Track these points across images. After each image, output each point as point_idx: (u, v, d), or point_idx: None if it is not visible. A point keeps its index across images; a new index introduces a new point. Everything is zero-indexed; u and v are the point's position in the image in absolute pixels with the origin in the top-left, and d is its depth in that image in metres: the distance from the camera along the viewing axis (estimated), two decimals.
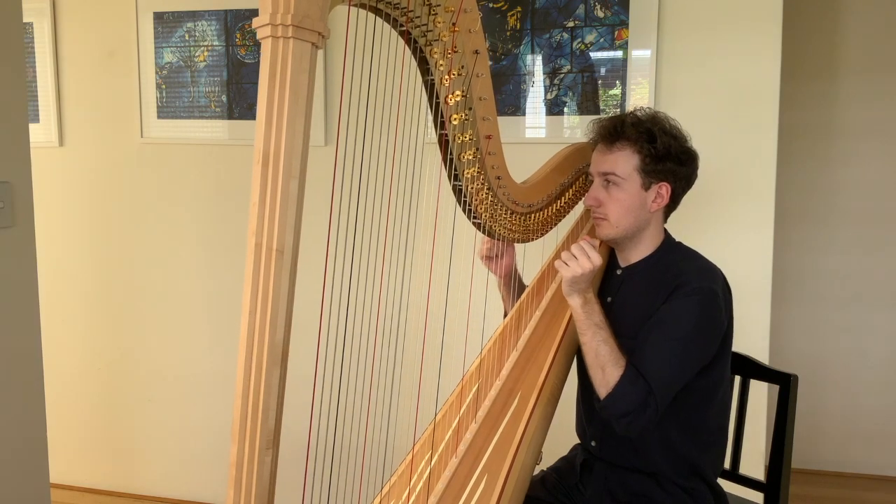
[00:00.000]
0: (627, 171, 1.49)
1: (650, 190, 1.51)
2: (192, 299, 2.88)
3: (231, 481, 0.89)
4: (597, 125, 1.57)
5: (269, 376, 0.86)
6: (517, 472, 1.28)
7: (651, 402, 1.36)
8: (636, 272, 1.57)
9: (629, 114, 1.54)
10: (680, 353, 1.41)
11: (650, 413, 1.36)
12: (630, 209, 1.51)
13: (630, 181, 1.50)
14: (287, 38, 0.82)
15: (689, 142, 1.55)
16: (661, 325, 1.43)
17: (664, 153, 1.48)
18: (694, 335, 1.43)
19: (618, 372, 1.38)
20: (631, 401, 1.36)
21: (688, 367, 1.43)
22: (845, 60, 3.11)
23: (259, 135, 0.83)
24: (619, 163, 1.50)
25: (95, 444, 3.05)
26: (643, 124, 1.50)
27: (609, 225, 1.54)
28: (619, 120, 1.52)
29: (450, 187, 1.40)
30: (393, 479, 1.37)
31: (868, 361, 3.19)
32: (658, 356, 1.41)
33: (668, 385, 1.39)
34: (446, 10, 1.16)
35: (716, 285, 1.45)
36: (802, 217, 3.18)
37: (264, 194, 0.83)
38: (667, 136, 1.49)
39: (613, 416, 1.38)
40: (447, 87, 1.24)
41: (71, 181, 2.94)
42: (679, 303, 1.44)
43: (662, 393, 1.38)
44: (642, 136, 1.48)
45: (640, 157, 1.49)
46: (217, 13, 2.71)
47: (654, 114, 1.54)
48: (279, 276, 0.84)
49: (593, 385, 1.41)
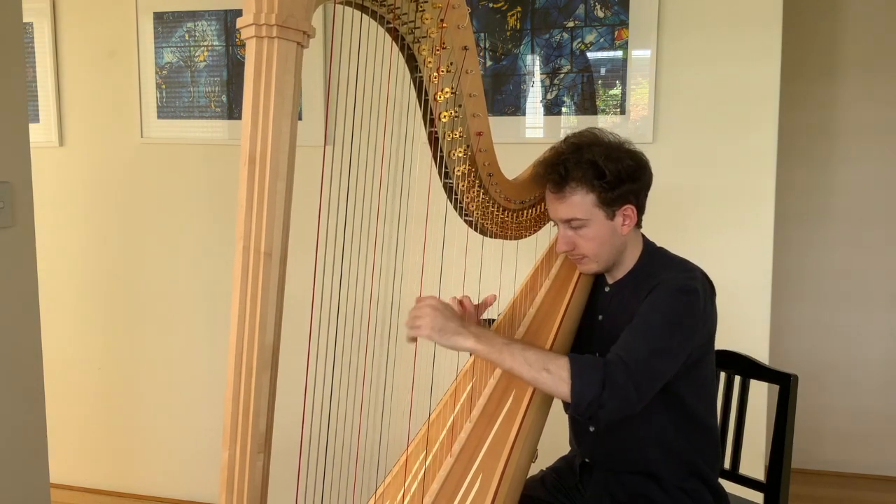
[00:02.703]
0: (587, 210, 1.46)
1: (616, 217, 1.48)
2: (192, 299, 2.88)
3: (223, 485, 0.88)
4: (540, 169, 1.52)
5: (259, 379, 0.86)
6: (512, 472, 1.28)
7: (615, 369, 1.27)
8: (624, 287, 1.57)
9: (566, 147, 1.49)
10: (657, 333, 1.36)
11: (622, 379, 1.26)
12: (604, 242, 1.50)
13: (594, 218, 1.47)
14: (272, 38, 0.81)
15: (630, 145, 1.51)
16: (636, 317, 1.40)
17: (615, 181, 1.44)
18: (671, 319, 1.38)
19: (561, 360, 1.28)
20: (595, 374, 1.26)
21: (666, 349, 1.36)
22: (845, 60, 3.10)
23: (245, 136, 0.83)
24: (576, 206, 1.46)
25: (95, 444, 3.05)
26: (584, 157, 1.44)
27: (590, 261, 1.53)
28: (560, 162, 1.46)
29: (440, 185, 1.39)
30: (387, 480, 1.37)
31: (868, 361, 3.18)
32: (629, 334, 1.37)
33: (642, 357, 1.31)
34: (434, 7, 1.15)
35: (695, 282, 1.44)
36: (802, 217, 3.18)
37: (251, 196, 0.82)
38: (611, 161, 1.44)
39: (591, 404, 1.26)
40: (436, 84, 1.24)
41: (71, 181, 2.95)
42: (655, 295, 1.42)
43: (636, 363, 1.29)
44: (589, 173, 1.44)
45: (594, 194, 1.45)
46: (217, 13, 2.72)
47: (590, 136, 1.50)
48: (268, 278, 0.84)
49: (554, 395, 1.33)
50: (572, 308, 1.57)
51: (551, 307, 1.59)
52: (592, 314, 1.61)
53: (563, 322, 1.52)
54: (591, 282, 1.63)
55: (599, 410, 1.26)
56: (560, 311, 1.54)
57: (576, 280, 1.62)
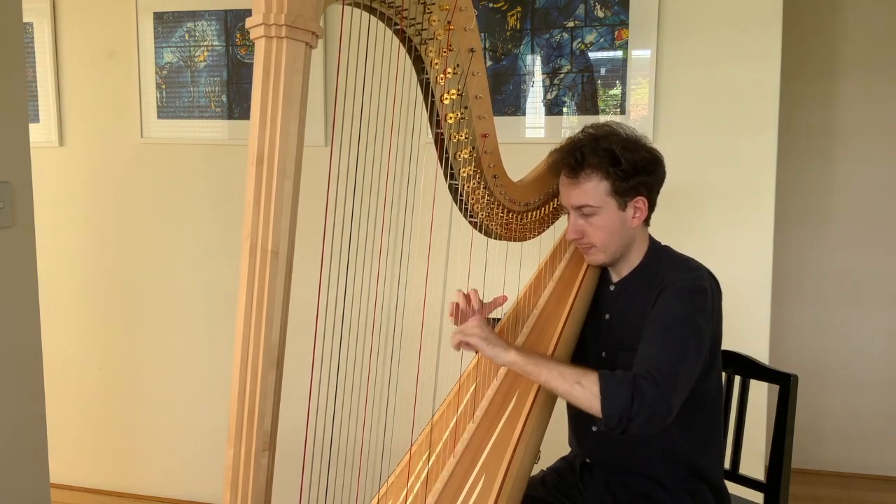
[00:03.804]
0: (600, 198, 1.47)
1: (627, 208, 1.49)
2: (193, 299, 2.88)
3: (227, 484, 0.88)
4: (556, 155, 1.53)
5: (265, 379, 0.86)
6: (515, 472, 1.28)
7: (644, 384, 1.27)
8: (629, 284, 1.57)
9: (583, 136, 1.50)
10: (676, 340, 1.36)
11: (651, 393, 1.26)
12: (613, 232, 1.50)
13: (606, 207, 1.48)
14: (280, 38, 0.81)
15: (647, 141, 1.53)
16: (650, 324, 1.41)
17: (631, 170, 1.46)
18: (687, 323, 1.38)
19: (593, 375, 1.29)
20: (624, 390, 1.26)
21: (687, 354, 1.36)
22: (845, 60, 3.10)
23: (253, 135, 0.83)
24: (590, 193, 1.47)
25: (95, 444, 3.05)
26: (601, 146, 1.46)
27: (597, 251, 1.53)
28: (577, 148, 1.48)
29: (446, 186, 1.40)
30: (391, 480, 1.37)
31: (868, 361, 3.18)
32: (650, 346, 1.36)
33: (668, 368, 1.31)
34: (441, 9, 1.16)
35: (703, 282, 1.45)
36: (802, 217, 3.18)
37: (258, 195, 0.83)
38: (628, 151, 1.46)
39: (622, 418, 1.26)
40: (442, 86, 1.24)
41: (71, 181, 2.95)
42: (665, 298, 1.43)
43: (663, 375, 1.29)
44: (605, 160, 1.45)
45: (608, 181, 1.46)
46: (217, 13, 2.72)
47: (608, 128, 1.51)
48: (274, 277, 0.84)
49: (586, 409, 1.32)
50: (577, 308, 1.57)
51: (556, 308, 1.60)
52: (598, 313, 1.61)
53: (567, 323, 1.53)
54: (595, 282, 1.63)
55: (629, 424, 1.26)
56: (564, 312, 1.55)
57: (580, 280, 1.62)
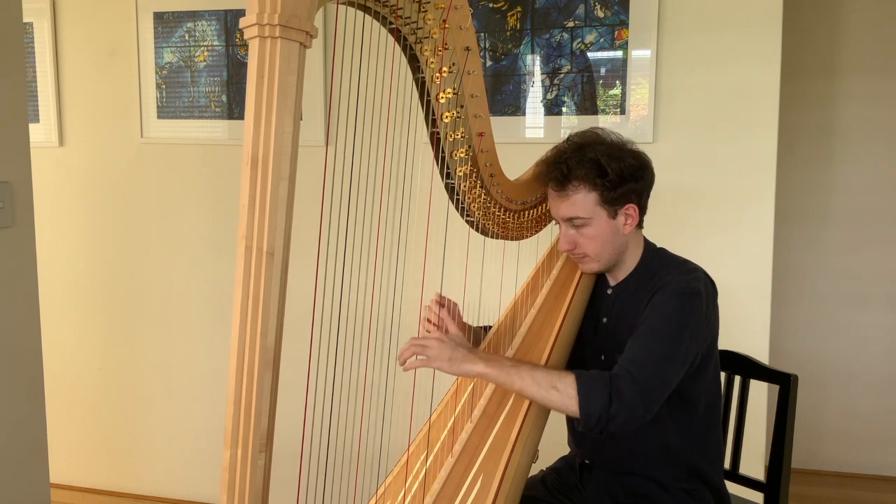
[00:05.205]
0: (589, 209, 1.46)
1: (618, 216, 1.48)
2: (193, 299, 2.88)
3: (224, 485, 0.88)
4: (542, 167, 1.52)
5: (261, 379, 0.86)
6: (513, 472, 1.28)
7: (621, 382, 1.28)
8: (626, 287, 1.56)
9: (568, 147, 1.49)
10: (662, 341, 1.36)
11: (628, 391, 1.27)
12: (606, 241, 1.50)
13: (596, 217, 1.47)
14: (275, 38, 0.81)
15: (632, 145, 1.51)
16: (640, 324, 1.41)
17: (618, 179, 1.44)
18: (675, 325, 1.38)
19: (568, 377, 1.29)
20: (601, 389, 1.27)
21: (672, 356, 1.36)
22: (845, 60, 3.10)
23: (247, 136, 0.82)
24: (579, 205, 1.46)
25: (95, 444, 3.05)
26: (586, 156, 1.45)
27: (591, 260, 1.53)
28: (563, 160, 1.46)
29: (442, 185, 1.39)
30: (388, 480, 1.37)
31: (868, 361, 3.18)
32: (635, 345, 1.37)
33: (648, 367, 1.31)
34: (436, 7, 1.15)
35: (698, 284, 1.44)
36: (802, 217, 3.18)
37: (253, 196, 0.82)
38: (614, 160, 1.45)
39: (601, 418, 1.27)
40: (438, 85, 1.24)
41: (71, 181, 2.95)
42: (658, 299, 1.42)
43: (643, 373, 1.30)
44: (592, 172, 1.44)
45: (596, 192, 1.45)
46: (217, 13, 2.72)
47: (592, 135, 1.50)
48: (270, 278, 0.84)
49: (563, 412, 1.33)
50: (573, 310, 1.56)
51: (552, 309, 1.59)
52: (596, 317, 1.60)
53: (563, 324, 1.52)
54: (592, 283, 1.63)
55: (609, 424, 1.27)
56: (561, 313, 1.54)
57: (577, 281, 1.62)
